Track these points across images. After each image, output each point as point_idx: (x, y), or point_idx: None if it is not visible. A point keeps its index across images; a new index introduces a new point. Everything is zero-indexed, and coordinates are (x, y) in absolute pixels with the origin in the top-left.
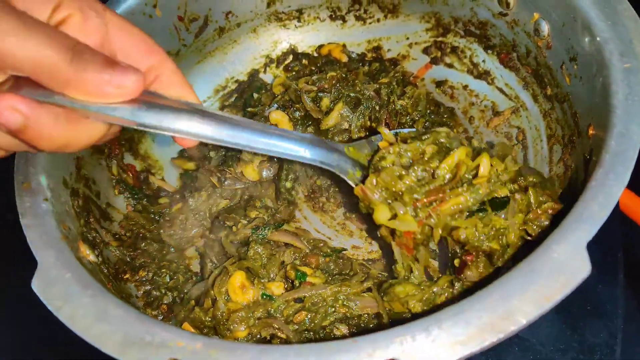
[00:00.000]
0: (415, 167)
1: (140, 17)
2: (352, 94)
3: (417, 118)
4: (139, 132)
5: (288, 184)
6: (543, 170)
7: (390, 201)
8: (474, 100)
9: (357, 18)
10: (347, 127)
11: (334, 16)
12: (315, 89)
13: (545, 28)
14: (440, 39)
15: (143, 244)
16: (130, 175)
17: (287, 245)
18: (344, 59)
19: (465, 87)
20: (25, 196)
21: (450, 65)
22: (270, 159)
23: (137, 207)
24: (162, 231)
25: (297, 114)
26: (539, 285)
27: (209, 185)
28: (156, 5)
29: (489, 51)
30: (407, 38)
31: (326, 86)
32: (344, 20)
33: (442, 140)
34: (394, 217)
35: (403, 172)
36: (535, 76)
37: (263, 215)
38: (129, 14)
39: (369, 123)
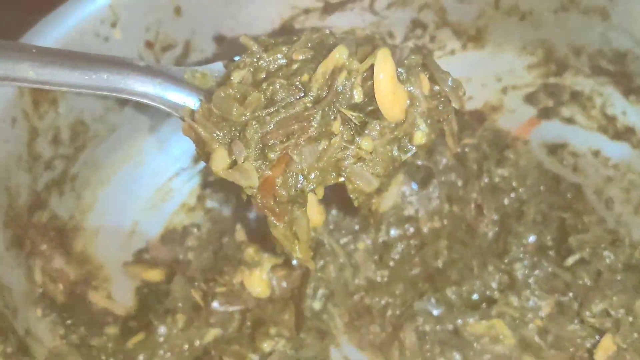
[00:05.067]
0: (266, 85)
1: (92, 39)
2: (418, 162)
3: (524, 198)
4: (72, 221)
5: (317, 304)
6: None
7: (230, 140)
8: (611, 173)
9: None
10: (412, 214)
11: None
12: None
13: None
14: (552, 80)
15: None
16: (61, 287)
17: None
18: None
19: (596, 153)
20: None
21: (570, 120)
22: (288, 263)
23: (70, 339)
24: None
25: (331, 192)
26: None
27: (188, 305)
28: (116, 25)
29: (632, 97)
30: (500, 79)
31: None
32: None
33: (319, 40)
34: (235, 163)
35: (251, 92)
36: None
37: (284, 348)
38: (77, 33)
39: (447, 207)
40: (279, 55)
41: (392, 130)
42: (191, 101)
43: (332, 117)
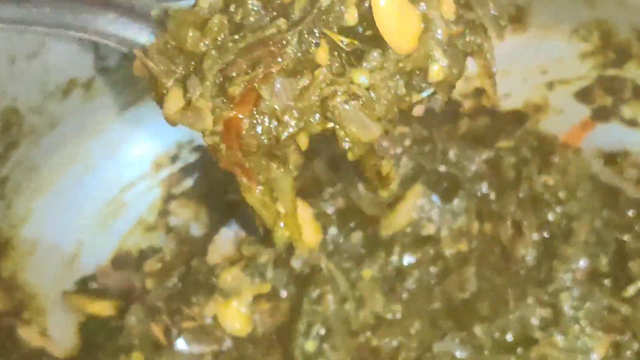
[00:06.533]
0: (235, 7)
1: None
2: (440, 169)
3: (574, 213)
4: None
5: (310, 345)
6: None
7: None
8: None
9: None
10: (431, 233)
11: None
12: None
13: None
14: (611, 72)
15: None
16: None
17: None
18: (418, 110)
19: None
20: None
21: (632, 123)
22: (275, 294)
23: None
24: None
25: (330, 206)
26: None
27: (146, 342)
28: None
29: None
30: (545, 72)
31: (389, 151)
32: None
33: None
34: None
35: (216, 19)
36: None
37: None
38: None
39: (477, 225)
40: None
41: (396, 61)
42: (149, 36)
43: (314, 43)
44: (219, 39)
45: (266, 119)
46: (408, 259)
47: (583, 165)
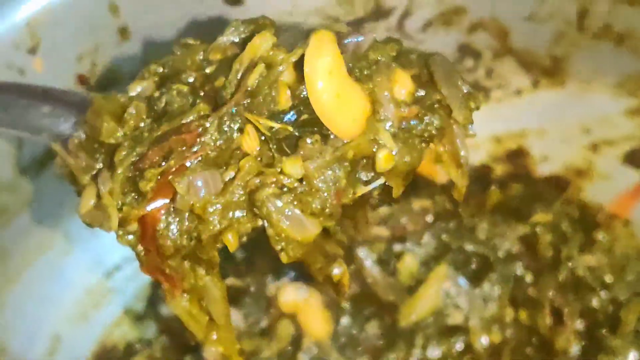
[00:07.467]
0: (159, 93)
1: (4, 72)
2: (468, 248)
3: (622, 299)
4: None
5: None
6: None
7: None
8: None
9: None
10: (458, 322)
11: None
12: (385, 233)
13: None
14: None
15: None
16: None
17: None
18: (437, 175)
19: None
20: None
21: None
22: None
23: None
24: None
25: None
26: None
27: None
28: (36, 51)
29: None
30: (587, 131)
31: (408, 228)
32: None
33: (250, 34)
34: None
35: (132, 107)
36: None
37: None
38: None
39: (511, 312)
40: (200, 58)
41: (335, 149)
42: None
43: (236, 129)
44: (139, 128)
45: (186, 217)
46: (432, 352)
47: (632, 240)
